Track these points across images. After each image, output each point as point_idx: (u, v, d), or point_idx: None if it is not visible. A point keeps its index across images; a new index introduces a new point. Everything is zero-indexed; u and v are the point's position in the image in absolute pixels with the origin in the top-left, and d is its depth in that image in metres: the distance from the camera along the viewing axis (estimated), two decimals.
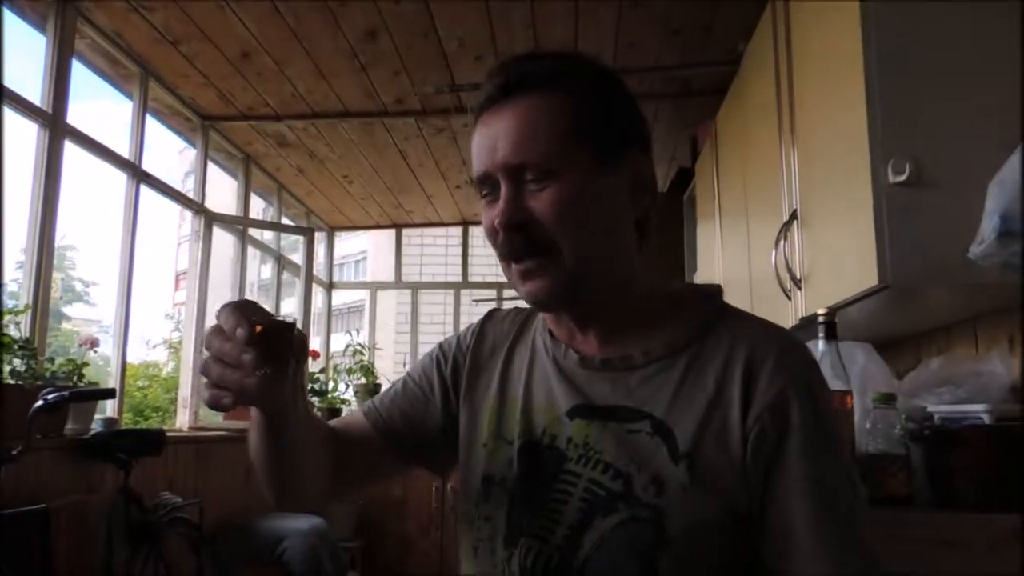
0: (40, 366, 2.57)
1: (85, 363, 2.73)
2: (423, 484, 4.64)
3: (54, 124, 2.89)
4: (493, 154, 0.81)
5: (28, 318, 2.72)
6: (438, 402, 0.97)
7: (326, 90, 3.72)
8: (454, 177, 4.93)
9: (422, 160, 4.64)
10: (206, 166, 4.21)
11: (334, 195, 5.32)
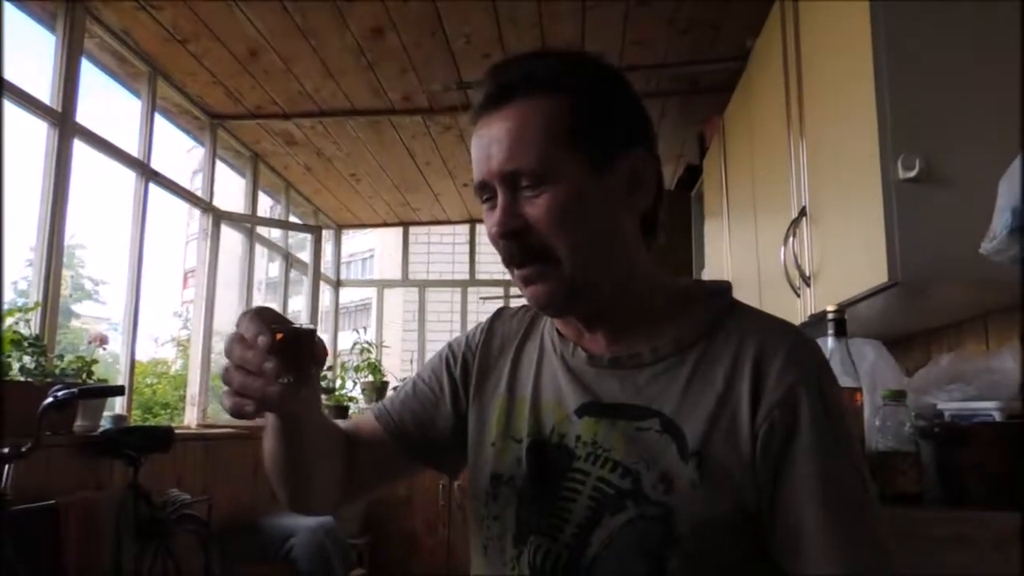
0: (50, 363, 2.58)
1: (94, 360, 2.74)
2: (430, 482, 4.64)
3: (63, 123, 2.91)
4: (489, 161, 0.82)
5: (38, 315, 2.74)
6: (448, 402, 0.97)
7: (333, 88, 3.73)
8: (461, 175, 4.93)
9: (429, 158, 4.65)
10: (214, 164, 4.22)
11: (341, 193, 5.33)
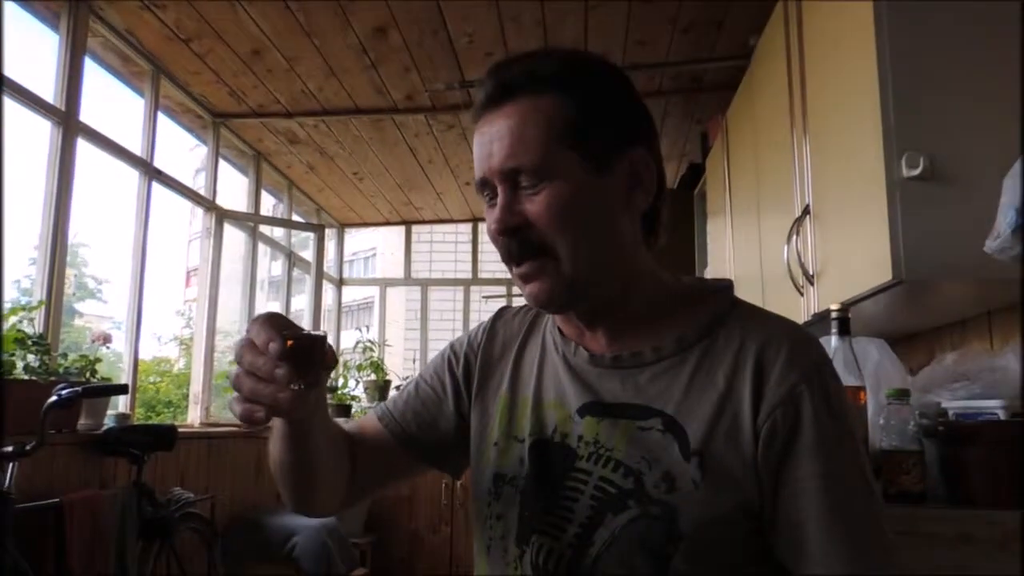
0: (53, 362, 2.59)
1: (98, 359, 2.74)
2: (432, 480, 4.64)
3: (67, 121, 2.91)
4: (490, 159, 0.82)
5: (42, 314, 2.74)
6: (450, 402, 0.97)
7: (336, 87, 3.73)
8: (464, 174, 4.93)
9: (432, 157, 4.65)
10: (217, 163, 4.23)
11: (344, 192, 5.33)
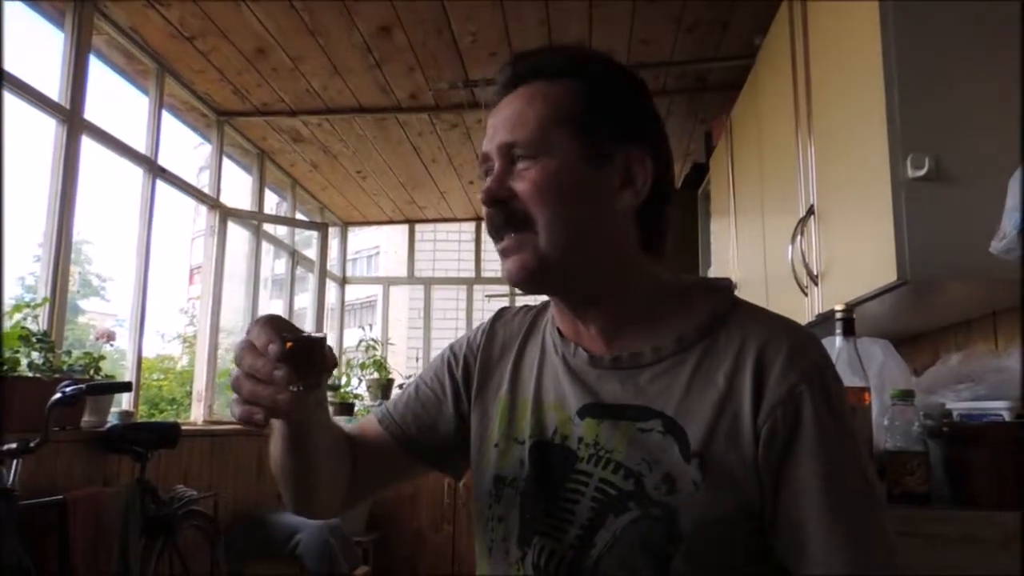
0: (57, 359, 2.59)
1: (102, 356, 2.75)
2: (435, 479, 4.65)
3: (72, 119, 2.92)
4: (493, 137, 0.85)
5: (46, 311, 2.74)
6: (450, 404, 0.97)
7: (340, 86, 3.73)
8: (467, 173, 4.93)
9: (435, 156, 4.65)
10: (221, 161, 4.23)
11: (348, 190, 5.34)
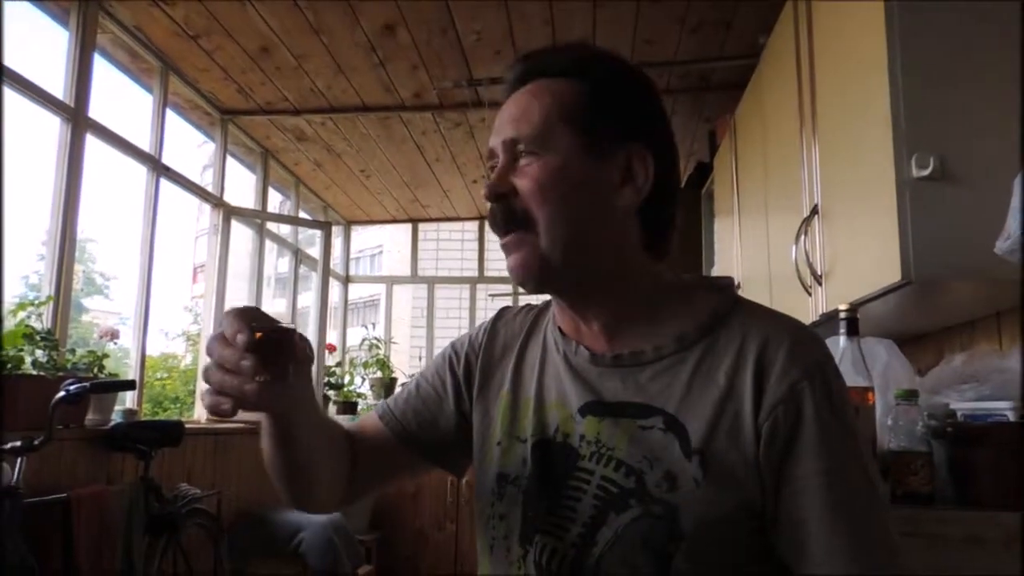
0: (61, 357, 2.60)
1: (105, 355, 2.75)
2: (438, 478, 4.65)
3: (76, 118, 2.92)
4: (498, 133, 0.86)
5: (49, 309, 2.75)
6: (451, 401, 0.97)
7: (344, 85, 3.74)
8: (471, 172, 4.93)
9: (439, 155, 4.65)
10: (225, 160, 4.24)
11: (351, 189, 5.34)
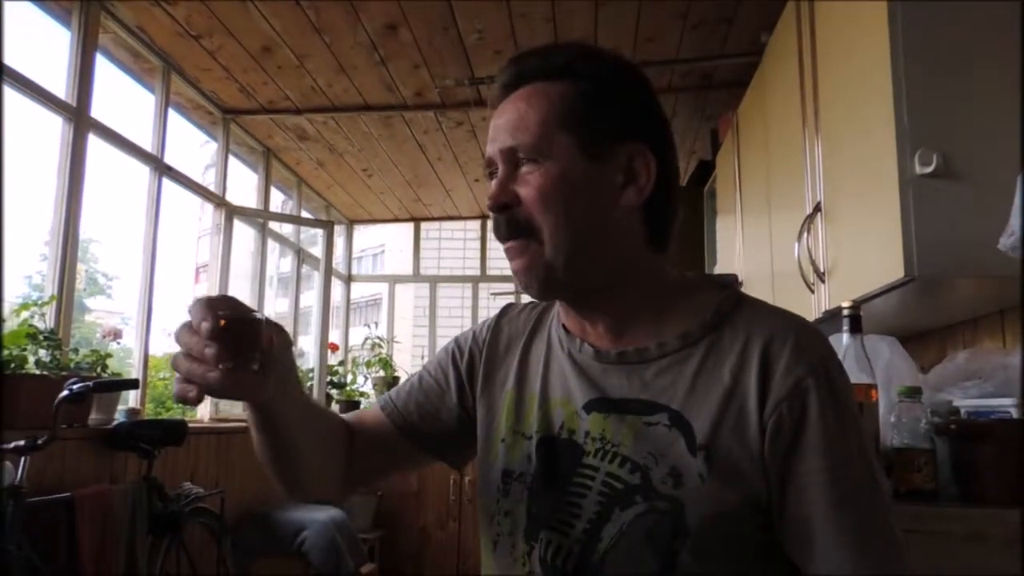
0: (64, 357, 2.60)
1: (108, 354, 2.76)
2: (440, 476, 4.66)
3: (78, 118, 2.93)
4: (495, 141, 0.85)
5: (53, 309, 2.76)
6: (453, 395, 0.97)
7: (346, 84, 3.74)
8: (473, 171, 4.93)
9: (441, 154, 4.65)
10: (227, 159, 4.24)
11: (353, 188, 5.34)
